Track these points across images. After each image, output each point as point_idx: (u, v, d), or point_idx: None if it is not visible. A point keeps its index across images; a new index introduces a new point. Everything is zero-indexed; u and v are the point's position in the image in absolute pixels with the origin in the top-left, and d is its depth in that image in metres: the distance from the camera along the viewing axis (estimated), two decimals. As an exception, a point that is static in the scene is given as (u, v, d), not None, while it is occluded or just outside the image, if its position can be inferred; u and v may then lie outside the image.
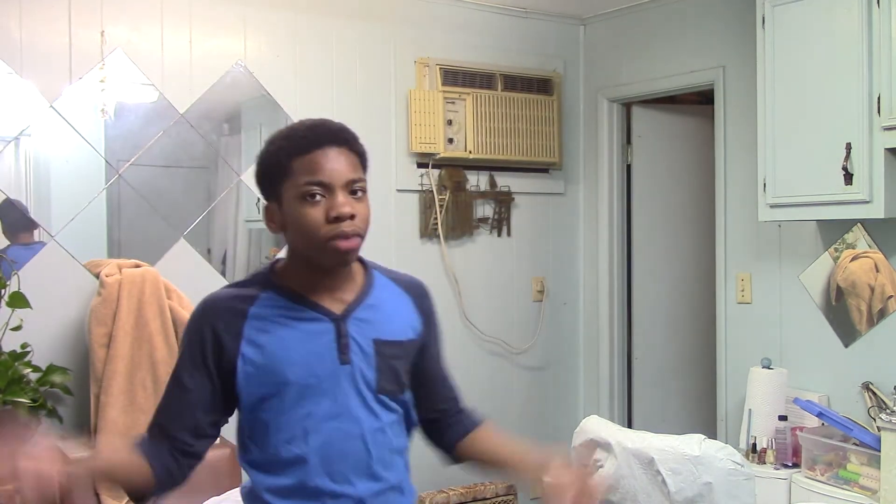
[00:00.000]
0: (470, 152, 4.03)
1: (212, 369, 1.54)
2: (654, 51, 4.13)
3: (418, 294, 1.71)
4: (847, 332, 3.33)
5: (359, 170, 1.56)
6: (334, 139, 1.55)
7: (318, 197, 1.50)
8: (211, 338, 1.54)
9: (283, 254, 1.64)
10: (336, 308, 1.57)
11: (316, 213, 1.50)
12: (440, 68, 3.98)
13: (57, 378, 2.94)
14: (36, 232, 3.17)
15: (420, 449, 1.78)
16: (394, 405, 1.61)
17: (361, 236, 1.54)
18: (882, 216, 2.91)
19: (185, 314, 3.05)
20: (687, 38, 3.98)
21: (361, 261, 1.66)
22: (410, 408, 1.68)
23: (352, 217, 1.51)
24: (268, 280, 1.60)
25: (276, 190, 1.54)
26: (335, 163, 1.52)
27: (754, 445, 3.30)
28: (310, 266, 1.56)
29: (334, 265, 1.55)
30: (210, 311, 1.57)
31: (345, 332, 1.56)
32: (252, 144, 3.59)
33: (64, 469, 1.43)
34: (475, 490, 3.87)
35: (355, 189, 1.54)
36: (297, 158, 1.52)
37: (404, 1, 3.96)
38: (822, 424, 3.12)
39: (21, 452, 1.38)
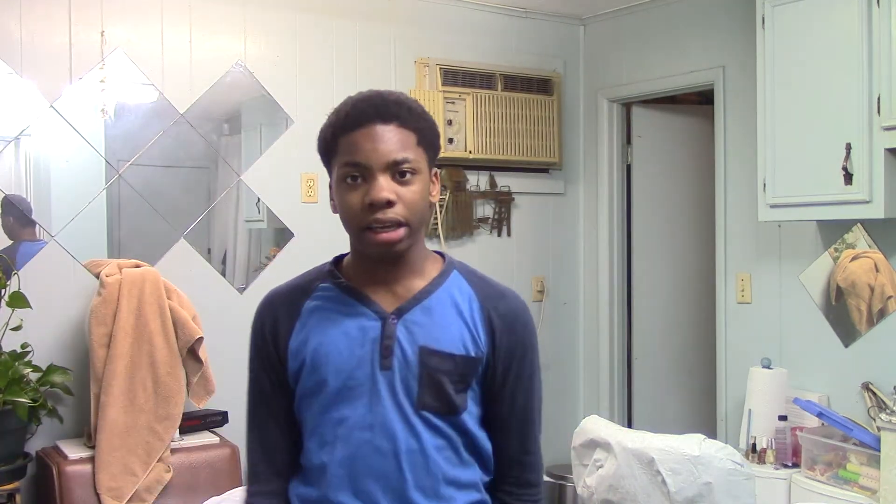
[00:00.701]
0: (470, 152, 4.03)
1: (277, 366, 1.47)
2: (654, 51, 4.13)
3: (500, 313, 1.48)
4: (847, 332, 3.33)
5: (410, 149, 1.40)
6: (379, 115, 1.40)
7: (358, 179, 1.39)
8: (271, 333, 1.47)
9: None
10: (389, 305, 1.44)
11: (354, 198, 1.39)
12: (440, 68, 3.98)
13: (57, 378, 2.95)
14: (38, 228, 3.17)
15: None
16: (442, 426, 1.42)
17: (405, 225, 1.39)
18: (882, 216, 2.91)
19: (186, 314, 3.06)
20: (687, 38, 3.98)
21: (443, 255, 1.54)
22: (475, 435, 1.46)
23: (389, 204, 1.37)
24: (328, 270, 1.50)
25: (330, 168, 1.46)
26: (378, 142, 1.38)
27: (754, 445, 3.30)
28: (363, 255, 1.46)
29: (376, 256, 1.43)
30: (267, 305, 1.51)
31: (390, 334, 1.41)
32: (252, 144, 3.59)
33: None
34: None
35: (403, 171, 1.39)
36: (342, 136, 1.41)
37: (404, 1, 3.96)
38: (822, 424, 3.12)
39: None
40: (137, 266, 3.11)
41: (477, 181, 4.15)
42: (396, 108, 1.40)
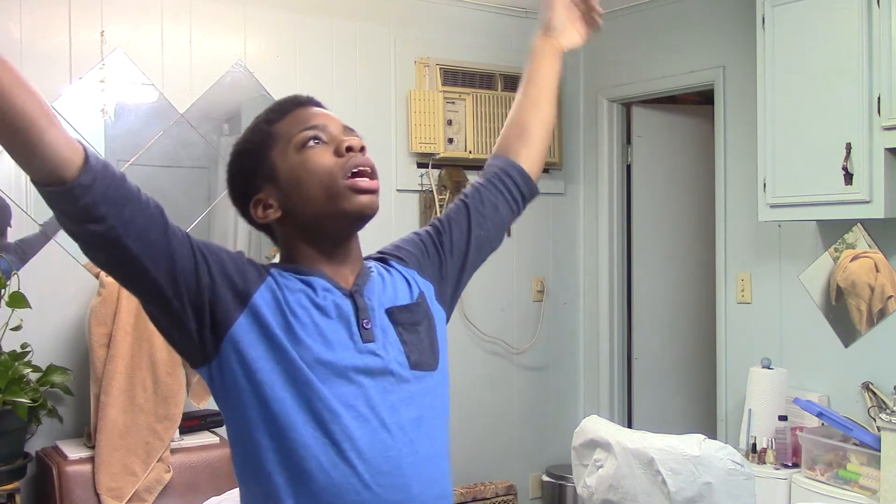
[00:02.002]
0: (470, 152, 4.03)
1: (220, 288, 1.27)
2: (654, 51, 4.13)
3: (391, 252, 1.51)
4: (847, 332, 3.33)
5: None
6: (309, 101, 1.41)
7: (319, 141, 1.33)
8: (236, 271, 1.30)
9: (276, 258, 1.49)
10: (345, 283, 1.37)
11: (323, 153, 1.32)
12: (440, 68, 3.98)
13: (57, 378, 2.95)
14: (33, 231, 3.16)
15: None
16: (431, 384, 1.39)
17: (378, 180, 1.35)
18: (882, 216, 2.91)
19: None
20: (687, 38, 3.98)
21: None
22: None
23: (362, 150, 1.34)
24: (271, 265, 1.40)
25: (266, 165, 1.35)
26: (322, 114, 1.38)
27: (754, 445, 3.30)
28: (316, 245, 1.36)
29: (358, 212, 1.33)
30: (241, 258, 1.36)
31: (363, 307, 1.34)
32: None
33: None
34: (475, 490, 3.87)
35: (354, 137, 1.37)
36: (279, 122, 1.36)
37: (404, 1, 3.96)
38: (822, 424, 3.12)
39: None
40: (137, 266, 3.10)
41: (477, 181, 4.14)
42: (319, 101, 1.42)
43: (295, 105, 1.39)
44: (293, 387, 1.27)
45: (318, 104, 1.42)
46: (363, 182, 1.32)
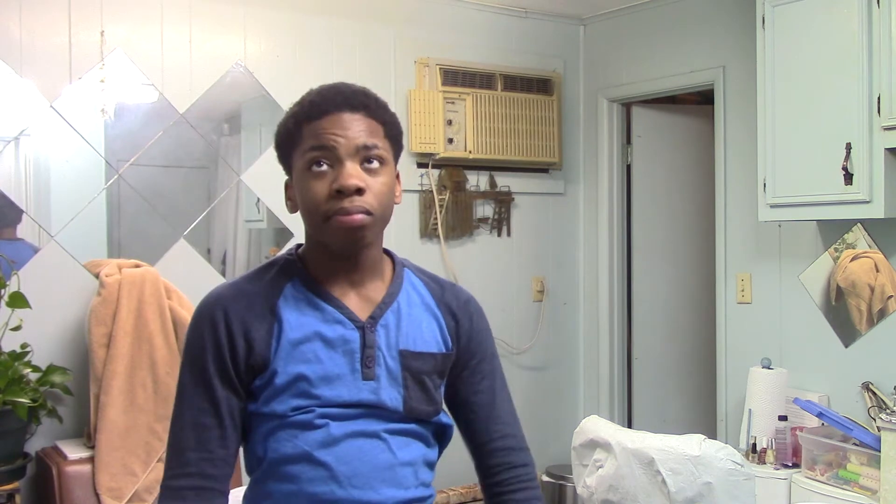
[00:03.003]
0: (470, 152, 4.03)
1: (235, 378, 1.35)
2: (654, 51, 4.13)
3: (457, 305, 1.49)
4: (847, 332, 3.33)
5: (378, 137, 1.36)
6: (347, 103, 1.36)
7: (323, 166, 1.33)
8: (241, 332, 1.34)
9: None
10: (362, 311, 1.39)
11: (320, 187, 1.33)
12: (440, 68, 3.98)
13: (57, 378, 2.94)
14: (32, 231, 3.16)
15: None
16: (423, 431, 1.43)
17: (371, 213, 1.33)
18: (882, 216, 2.91)
19: (186, 314, 3.06)
20: (687, 38, 3.98)
21: (390, 254, 1.49)
22: (444, 424, 1.48)
23: (358, 192, 1.31)
24: (292, 266, 1.42)
25: (289, 162, 1.40)
26: (346, 128, 1.33)
27: (754, 445, 3.30)
28: (325, 253, 1.39)
29: (341, 248, 1.36)
30: (229, 303, 1.36)
31: (371, 343, 1.37)
32: (252, 144, 3.59)
33: None
34: (475, 490, 3.87)
35: (370, 157, 1.34)
36: (306, 124, 1.36)
37: (404, 1, 3.96)
38: (822, 424, 3.12)
39: None
40: (137, 266, 3.11)
41: (477, 181, 4.15)
42: (364, 98, 1.38)
43: (325, 109, 1.36)
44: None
45: (353, 104, 1.37)
46: (344, 220, 1.32)
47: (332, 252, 1.38)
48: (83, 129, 3.23)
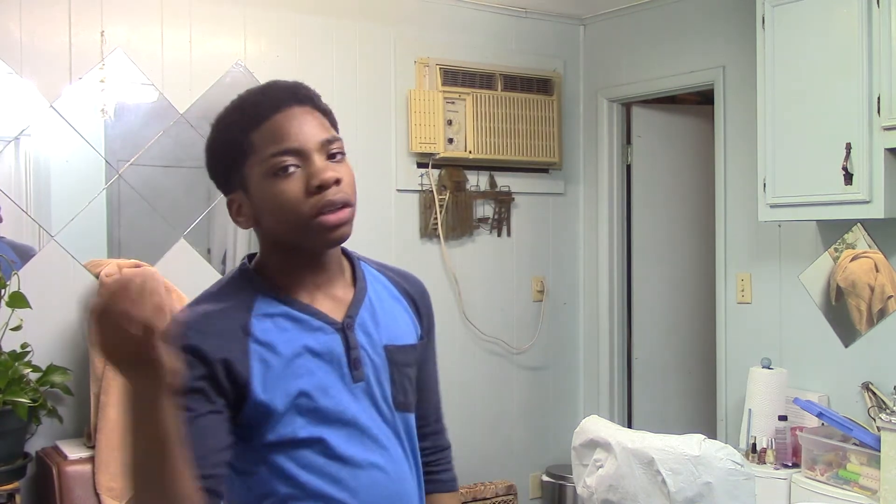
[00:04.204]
0: (470, 152, 4.03)
1: (223, 393, 1.26)
2: (654, 51, 4.13)
3: (416, 292, 1.49)
4: (847, 332, 3.33)
5: (331, 129, 1.32)
6: (294, 97, 1.30)
7: (291, 168, 1.26)
8: (219, 361, 1.25)
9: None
10: (336, 313, 1.34)
11: (293, 188, 1.26)
12: (440, 68, 3.98)
13: (57, 378, 2.94)
14: (32, 231, 3.16)
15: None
16: (410, 421, 1.42)
17: (352, 205, 1.30)
18: (882, 216, 2.91)
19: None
20: (687, 38, 3.98)
21: (343, 249, 1.43)
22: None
23: (337, 182, 1.27)
24: (254, 282, 1.34)
25: (239, 175, 1.30)
26: (303, 124, 1.28)
27: (754, 445, 3.30)
28: (292, 260, 1.33)
29: (328, 245, 1.31)
30: (202, 326, 1.26)
31: (355, 344, 1.34)
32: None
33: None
34: (475, 490, 3.87)
35: (333, 152, 1.29)
36: (255, 130, 1.28)
37: (404, 1, 3.96)
38: (822, 424, 3.12)
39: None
40: (137, 266, 3.10)
41: (477, 181, 4.15)
42: (306, 90, 1.33)
43: (273, 108, 1.29)
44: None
45: (302, 98, 1.31)
46: (332, 218, 1.27)
47: (301, 256, 1.33)
48: (83, 129, 3.23)
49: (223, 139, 1.32)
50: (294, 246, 1.32)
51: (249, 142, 1.28)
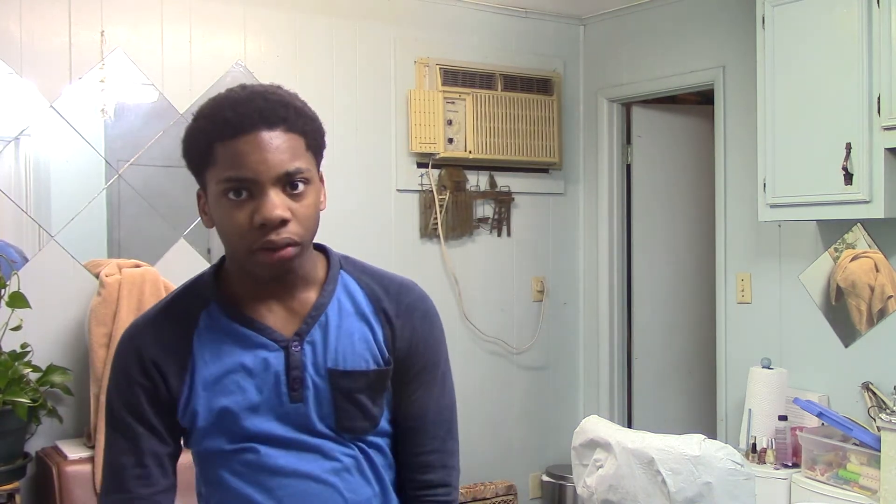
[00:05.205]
0: (470, 152, 4.03)
1: (153, 418, 1.32)
2: (654, 51, 4.13)
3: (397, 311, 1.38)
4: (847, 332, 3.33)
5: (301, 157, 1.25)
6: (264, 119, 1.23)
7: (243, 194, 1.23)
8: (156, 371, 1.31)
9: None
10: (287, 327, 1.32)
11: (240, 217, 1.23)
12: (440, 68, 3.98)
13: (57, 378, 2.94)
14: (32, 231, 3.16)
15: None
16: (360, 444, 1.36)
17: (298, 244, 1.26)
18: (882, 216, 2.91)
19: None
20: (687, 38, 3.98)
21: (326, 252, 1.40)
22: (389, 437, 1.41)
23: (283, 223, 1.23)
24: (212, 288, 1.35)
25: (202, 177, 1.30)
26: (265, 151, 1.22)
27: (754, 445, 3.30)
28: (249, 273, 1.32)
29: (269, 276, 1.29)
30: (141, 339, 1.32)
31: (297, 364, 1.31)
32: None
33: None
34: (475, 490, 3.87)
35: (296, 182, 1.25)
36: (219, 144, 1.24)
37: (404, 1, 3.96)
38: (822, 424, 3.12)
39: None
40: (137, 266, 3.11)
41: (477, 181, 4.15)
42: (283, 111, 1.25)
43: (239, 129, 1.23)
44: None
45: (270, 121, 1.24)
46: (271, 257, 1.25)
47: (257, 275, 1.31)
48: (83, 129, 3.23)
49: (192, 140, 1.29)
50: (242, 264, 1.31)
51: (211, 153, 1.26)
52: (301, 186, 1.25)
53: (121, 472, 1.32)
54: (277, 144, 1.23)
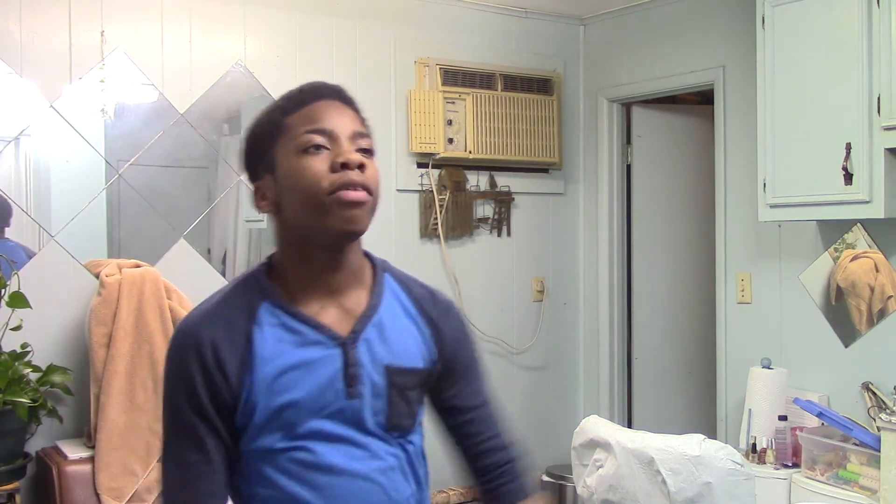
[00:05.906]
0: (470, 152, 4.03)
1: (214, 416, 1.30)
2: (654, 51, 4.13)
3: (439, 314, 1.45)
4: (847, 332, 3.33)
5: (365, 128, 1.38)
6: (333, 94, 1.37)
7: (320, 147, 1.30)
8: (215, 367, 1.29)
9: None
10: (342, 325, 1.34)
11: (318, 163, 1.29)
12: (440, 68, 3.98)
13: (57, 378, 2.94)
14: (32, 231, 3.16)
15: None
16: (403, 443, 1.39)
17: (372, 193, 1.31)
18: (882, 216, 2.91)
19: (185, 314, 3.05)
20: (687, 38, 3.98)
21: (369, 257, 1.44)
22: (423, 437, 1.45)
23: (361, 167, 1.30)
24: (263, 285, 1.36)
25: (269, 156, 1.33)
26: (340, 114, 1.34)
27: (754, 445, 3.30)
28: (307, 256, 1.33)
29: (342, 230, 1.30)
30: (201, 334, 1.31)
31: (354, 361, 1.33)
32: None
33: None
34: (475, 490, 3.87)
35: (363, 147, 1.34)
36: (292, 114, 1.33)
37: (404, 1, 3.96)
38: (822, 424, 3.12)
39: None
40: (137, 266, 3.11)
41: (477, 181, 4.15)
42: (350, 96, 1.40)
43: (314, 97, 1.35)
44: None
45: (344, 97, 1.39)
46: (349, 194, 1.29)
47: (316, 249, 1.33)
48: (83, 129, 3.23)
49: (261, 121, 1.37)
50: (311, 234, 1.32)
51: (285, 123, 1.33)
52: (367, 154, 1.34)
53: (189, 469, 1.30)
54: (348, 112, 1.36)
